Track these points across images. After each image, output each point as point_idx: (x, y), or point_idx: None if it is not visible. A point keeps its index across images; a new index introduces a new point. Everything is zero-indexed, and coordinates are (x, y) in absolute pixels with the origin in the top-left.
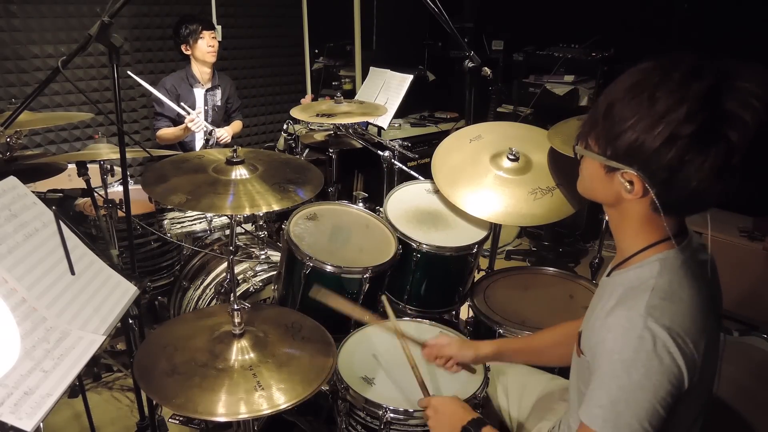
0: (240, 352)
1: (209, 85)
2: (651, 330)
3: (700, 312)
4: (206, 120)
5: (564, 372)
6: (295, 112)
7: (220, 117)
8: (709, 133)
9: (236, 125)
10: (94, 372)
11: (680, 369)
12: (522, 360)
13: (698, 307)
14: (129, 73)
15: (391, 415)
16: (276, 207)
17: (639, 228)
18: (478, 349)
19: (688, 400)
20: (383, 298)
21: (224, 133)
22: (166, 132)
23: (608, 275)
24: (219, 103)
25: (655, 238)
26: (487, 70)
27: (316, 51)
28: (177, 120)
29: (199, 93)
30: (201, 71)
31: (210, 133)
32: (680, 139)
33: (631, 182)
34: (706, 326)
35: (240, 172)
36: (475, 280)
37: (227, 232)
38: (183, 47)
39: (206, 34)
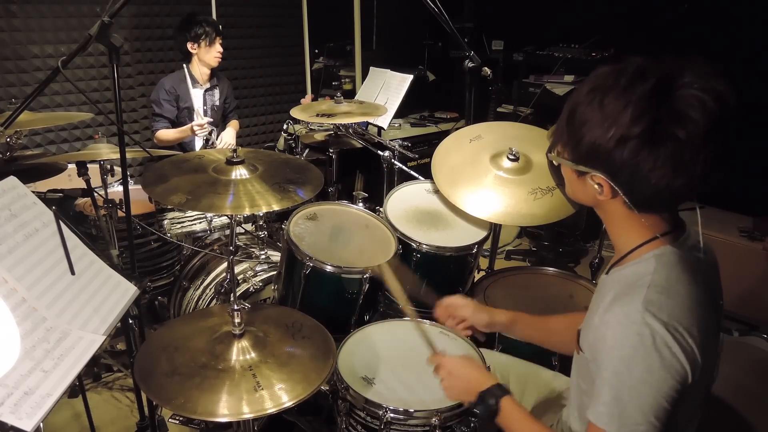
0: (240, 352)
1: (208, 86)
2: (649, 325)
3: (698, 307)
4: None
5: (565, 369)
6: (295, 112)
7: (218, 117)
8: (656, 132)
9: (235, 125)
10: (94, 372)
11: (681, 363)
12: (532, 337)
13: (696, 302)
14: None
15: (391, 415)
16: (276, 207)
17: (627, 226)
18: (493, 315)
19: (689, 396)
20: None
21: (231, 141)
22: (166, 134)
23: (607, 273)
24: (217, 103)
25: (647, 235)
26: (487, 70)
27: (316, 51)
28: (175, 121)
29: (197, 93)
30: (201, 72)
31: (210, 133)
32: (630, 140)
33: (600, 184)
34: (704, 321)
35: (240, 172)
36: (475, 280)
37: (227, 232)
38: (190, 44)
39: (218, 40)
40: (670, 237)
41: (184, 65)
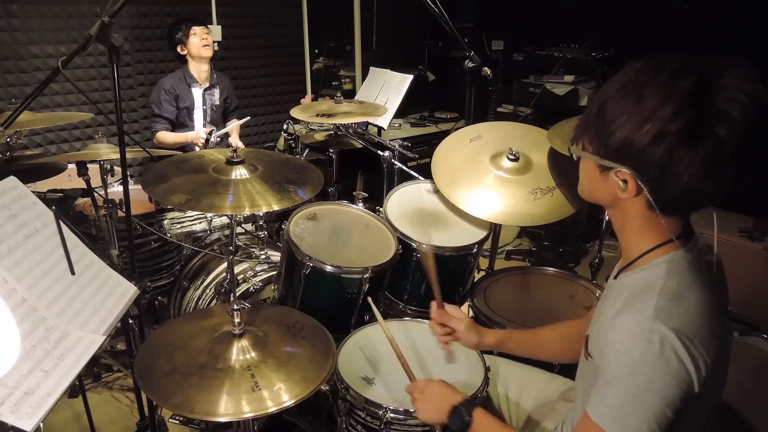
0: (240, 352)
1: (207, 84)
2: (659, 332)
3: (709, 314)
4: (205, 119)
5: (564, 371)
6: (295, 112)
7: (219, 116)
8: (696, 129)
9: (236, 126)
10: (94, 372)
11: (689, 372)
12: (523, 352)
13: (707, 309)
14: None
15: (391, 415)
16: (276, 207)
17: (641, 228)
18: (483, 336)
19: (697, 405)
20: (369, 300)
21: (239, 144)
22: (166, 137)
23: (615, 278)
24: (217, 103)
25: (659, 240)
26: (487, 70)
27: (316, 51)
28: (175, 121)
29: (197, 92)
30: (198, 70)
31: (210, 134)
32: (669, 135)
33: (624, 181)
34: (715, 328)
35: (240, 172)
36: (475, 280)
37: (227, 232)
38: (179, 48)
39: (197, 29)
40: (681, 241)
41: (184, 66)
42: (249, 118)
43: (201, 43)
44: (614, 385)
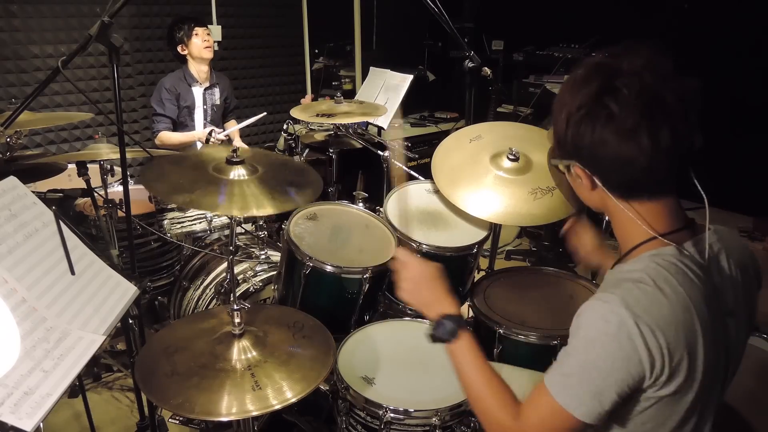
0: (240, 352)
1: (207, 84)
2: (619, 315)
3: (685, 311)
4: (205, 119)
5: None
6: (295, 112)
7: (219, 116)
8: (590, 103)
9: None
10: (94, 372)
11: (640, 360)
12: None
13: (684, 307)
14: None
15: (391, 415)
16: (271, 211)
17: (625, 224)
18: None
19: (668, 399)
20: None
21: (243, 145)
22: (170, 137)
23: (611, 269)
24: (218, 102)
25: (645, 236)
26: (487, 70)
27: (316, 51)
28: (176, 121)
29: (197, 92)
30: (198, 70)
31: (210, 133)
32: (572, 116)
33: (579, 176)
34: (693, 327)
35: (238, 173)
36: (475, 280)
37: (227, 232)
38: (179, 48)
39: (199, 30)
40: (673, 238)
41: (183, 65)
42: (265, 114)
43: (203, 44)
44: (570, 356)
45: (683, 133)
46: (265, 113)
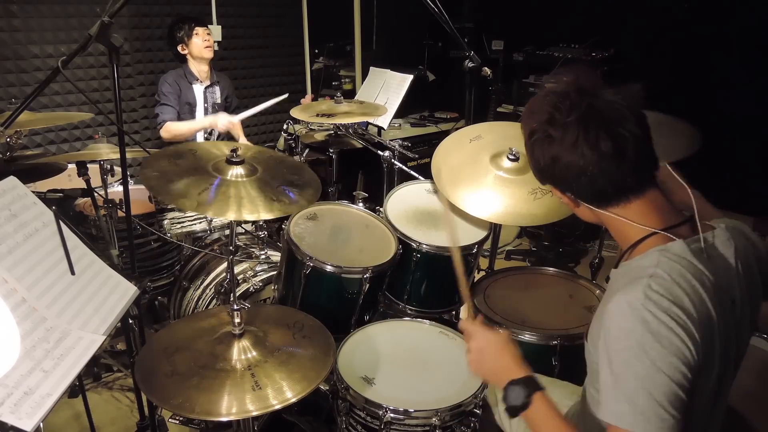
0: (240, 352)
1: (207, 83)
2: (651, 312)
3: (699, 299)
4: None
5: (564, 369)
6: (295, 112)
7: None
8: (538, 132)
9: (237, 126)
10: (94, 372)
11: (686, 345)
12: None
13: (700, 300)
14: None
15: (391, 414)
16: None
17: (621, 228)
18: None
19: (698, 389)
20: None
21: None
22: (178, 126)
23: (616, 267)
24: (219, 101)
25: (643, 232)
26: (487, 70)
27: (316, 51)
28: (180, 111)
29: (198, 90)
30: (199, 69)
31: (210, 133)
32: (527, 144)
33: (559, 196)
34: (707, 312)
35: (236, 171)
36: (475, 280)
37: (227, 232)
38: (180, 47)
39: (200, 30)
40: (675, 232)
41: (183, 64)
42: (287, 95)
43: (203, 44)
44: (621, 376)
45: (628, 136)
46: (286, 95)
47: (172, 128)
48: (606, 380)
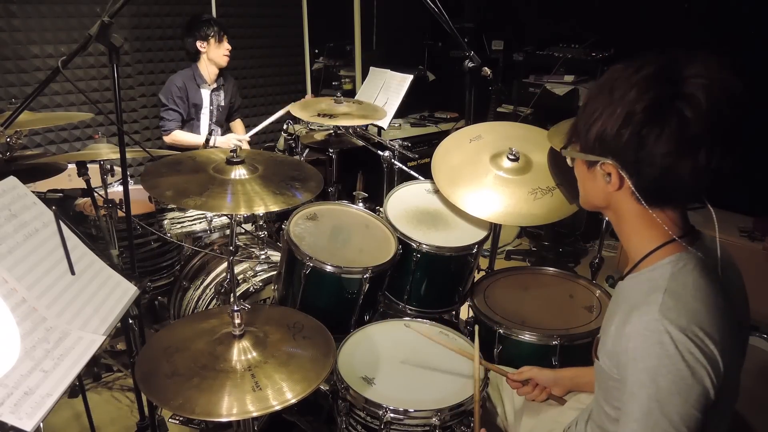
0: (240, 353)
1: (215, 86)
2: (669, 333)
3: (716, 313)
4: (211, 120)
5: None
6: (294, 109)
7: (224, 117)
8: (661, 107)
9: (240, 126)
10: (94, 372)
11: (704, 367)
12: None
13: (714, 309)
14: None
15: (391, 415)
16: (274, 208)
17: (638, 228)
18: (557, 371)
19: (715, 413)
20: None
21: (246, 146)
22: (184, 136)
23: (623, 279)
24: (223, 104)
25: (659, 239)
26: (487, 70)
27: (316, 51)
28: (184, 119)
29: (205, 93)
30: (209, 71)
31: (210, 134)
32: (635, 115)
33: (609, 174)
34: (724, 329)
35: (239, 172)
36: (475, 280)
37: (227, 232)
38: (200, 44)
39: (226, 39)
40: (685, 241)
41: (193, 64)
42: (288, 109)
43: (225, 52)
44: (637, 397)
45: (732, 154)
46: (288, 108)
47: (178, 137)
48: (625, 398)
